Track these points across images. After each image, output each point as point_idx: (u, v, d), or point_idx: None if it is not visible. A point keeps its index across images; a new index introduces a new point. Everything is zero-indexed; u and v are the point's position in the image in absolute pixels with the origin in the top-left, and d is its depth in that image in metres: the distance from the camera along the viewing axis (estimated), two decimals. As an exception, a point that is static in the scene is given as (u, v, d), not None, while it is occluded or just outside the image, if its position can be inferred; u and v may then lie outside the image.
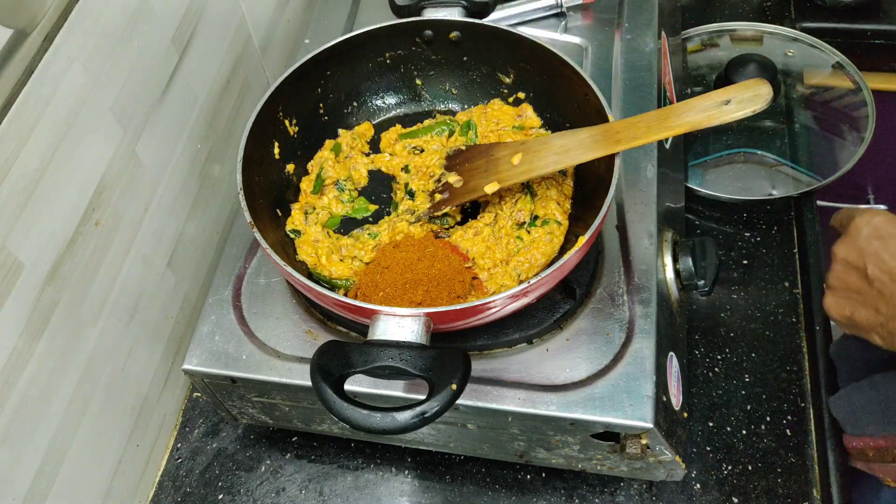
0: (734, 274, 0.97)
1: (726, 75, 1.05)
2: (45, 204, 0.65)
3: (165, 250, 0.85)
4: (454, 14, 0.85)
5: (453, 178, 0.79)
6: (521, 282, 0.73)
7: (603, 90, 0.75)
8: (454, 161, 0.81)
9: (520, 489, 0.83)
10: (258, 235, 0.68)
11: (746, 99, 0.66)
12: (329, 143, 0.86)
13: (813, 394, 0.87)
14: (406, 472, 0.86)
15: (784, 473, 0.82)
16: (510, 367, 0.72)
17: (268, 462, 0.88)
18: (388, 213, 0.82)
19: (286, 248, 0.78)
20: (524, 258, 0.75)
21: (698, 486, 0.82)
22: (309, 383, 0.63)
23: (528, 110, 0.86)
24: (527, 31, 0.85)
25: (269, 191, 0.80)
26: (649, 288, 0.75)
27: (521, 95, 0.87)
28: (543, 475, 0.84)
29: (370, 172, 0.86)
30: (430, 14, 0.85)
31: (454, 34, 0.86)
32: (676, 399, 0.74)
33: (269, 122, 0.80)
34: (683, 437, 0.74)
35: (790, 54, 1.14)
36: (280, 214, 0.81)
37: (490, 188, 0.75)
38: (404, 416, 0.58)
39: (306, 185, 0.84)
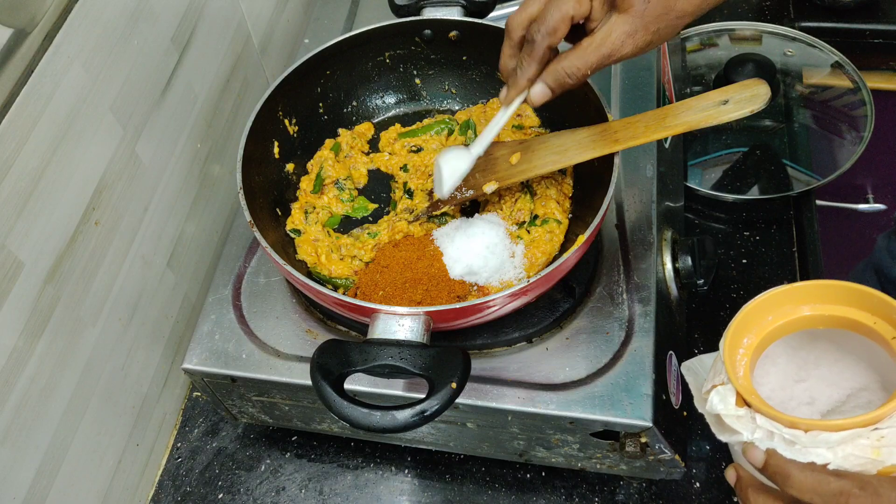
0: (733, 273, 0.97)
1: (725, 75, 1.05)
2: (45, 203, 0.65)
3: (165, 250, 0.85)
4: (453, 13, 0.85)
5: (452, 178, 0.79)
6: (520, 280, 0.73)
7: (602, 89, 0.75)
8: (453, 160, 0.81)
9: (519, 488, 0.83)
10: (258, 235, 0.68)
11: (744, 99, 0.66)
12: (329, 142, 0.86)
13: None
14: (406, 471, 0.86)
15: (783, 472, 0.82)
16: (510, 366, 0.73)
17: (268, 461, 0.88)
18: (388, 212, 0.82)
19: (286, 247, 0.78)
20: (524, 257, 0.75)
21: (698, 484, 0.82)
22: (309, 382, 0.63)
23: (527, 109, 0.86)
24: (526, 31, 0.85)
25: (269, 190, 0.80)
26: (649, 287, 0.75)
27: (521, 95, 0.87)
28: (543, 474, 0.84)
29: (370, 171, 0.86)
30: (430, 13, 0.85)
31: (453, 33, 0.86)
32: (676, 398, 0.74)
33: (268, 121, 0.80)
34: (683, 436, 0.74)
35: (789, 54, 1.14)
36: (280, 214, 0.81)
37: (488, 187, 0.75)
38: (404, 415, 0.58)
39: (306, 184, 0.84)
